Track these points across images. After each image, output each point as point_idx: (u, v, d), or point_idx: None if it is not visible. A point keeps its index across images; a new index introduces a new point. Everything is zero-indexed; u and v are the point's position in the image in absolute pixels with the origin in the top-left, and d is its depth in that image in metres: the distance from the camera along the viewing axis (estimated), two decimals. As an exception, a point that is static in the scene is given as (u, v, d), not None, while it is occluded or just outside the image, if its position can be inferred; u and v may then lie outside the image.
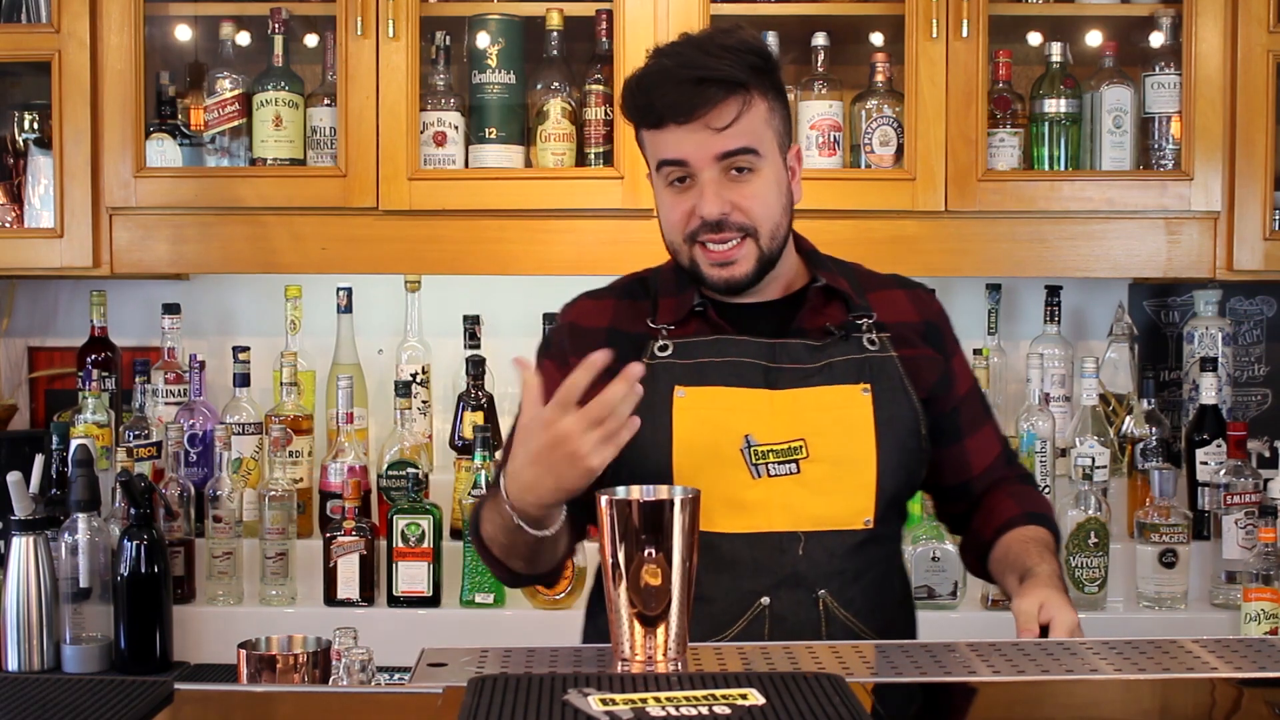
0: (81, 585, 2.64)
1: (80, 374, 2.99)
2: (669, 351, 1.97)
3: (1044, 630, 1.77)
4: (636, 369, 1.71)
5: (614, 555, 1.50)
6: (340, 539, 2.80)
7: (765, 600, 1.90)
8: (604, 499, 1.51)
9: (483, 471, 2.80)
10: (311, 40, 3.09)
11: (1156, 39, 2.93)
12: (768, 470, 1.91)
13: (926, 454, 2.00)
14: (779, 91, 1.96)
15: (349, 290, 3.10)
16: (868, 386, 1.95)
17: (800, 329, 1.98)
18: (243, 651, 1.63)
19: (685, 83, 1.87)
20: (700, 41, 1.94)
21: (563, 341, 2.02)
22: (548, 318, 3.02)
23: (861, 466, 1.93)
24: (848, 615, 1.91)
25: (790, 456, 1.91)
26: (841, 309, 2.00)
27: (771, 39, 2.91)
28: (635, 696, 1.28)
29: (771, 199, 1.93)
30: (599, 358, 1.71)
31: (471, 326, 3.05)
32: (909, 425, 1.97)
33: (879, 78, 2.92)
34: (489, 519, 1.91)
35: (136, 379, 2.97)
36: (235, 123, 2.96)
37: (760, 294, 2.00)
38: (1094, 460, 2.82)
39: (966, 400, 2.06)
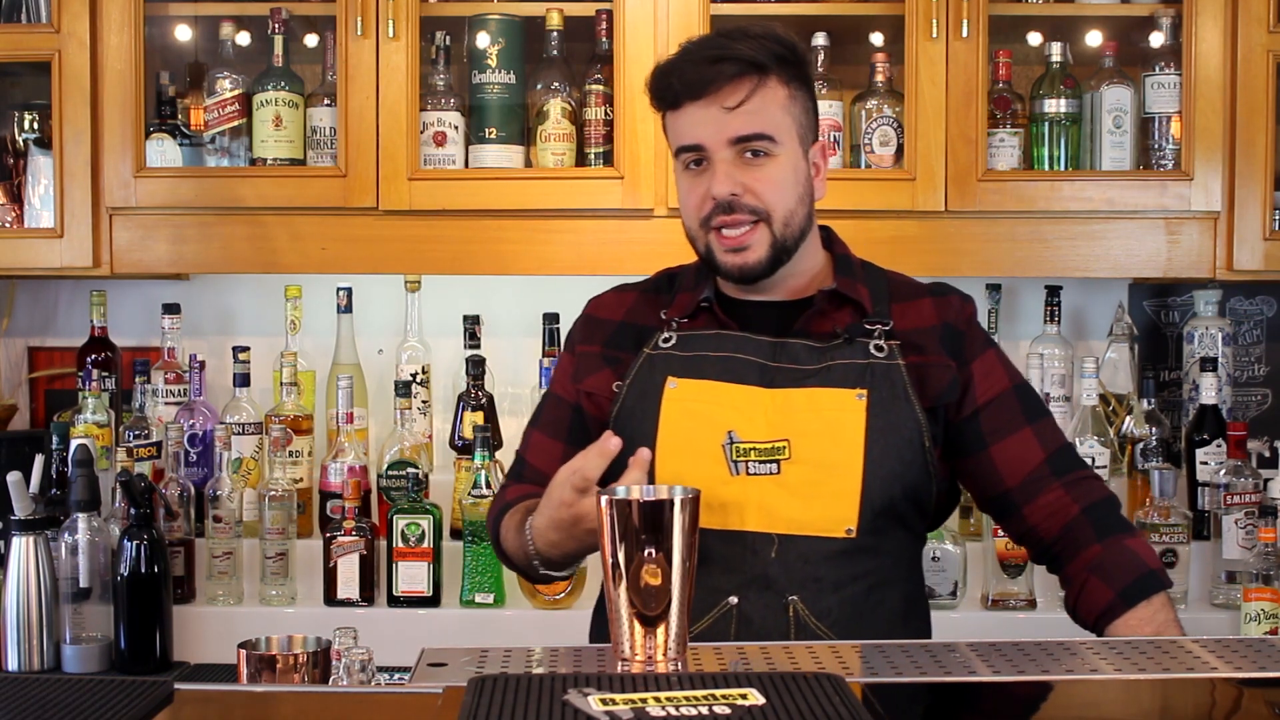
0: (81, 585, 2.64)
1: (80, 374, 2.99)
2: (671, 343, 1.98)
3: None
4: (615, 444, 1.79)
5: (614, 555, 1.50)
6: (340, 539, 2.80)
7: (733, 600, 1.88)
8: (604, 499, 1.51)
9: (483, 471, 2.80)
10: (311, 40, 3.09)
11: (1156, 39, 2.93)
12: (748, 468, 1.89)
13: (934, 467, 1.95)
14: (804, 83, 1.97)
15: (349, 290, 3.10)
16: (863, 392, 1.91)
17: (805, 331, 1.96)
18: (243, 651, 1.63)
19: (701, 62, 1.91)
20: (728, 30, 1.97)
21: (576, 332, 2.10)
22: (548, 318, 3.02)
23: (845, 473, 1.89)
24: (820, 626, 1.87)
25: (772, 456, 1.88)
26: (855, 314, 1.97)
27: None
28: (635, 696, 1.28)
29: (786, 185, 1.93)
30: (614, 444, 1.78)
31: (471, 326, 3.04)
32: (907, 435, 1.91)
33: (879, 78, 2.92)
34: (509, 537, 1.99)
35: (136, 379, 2.96)
36: (235, 123, 2.96)
37: (773, 293, 2.00)
38: (1094, 460, 2.82)
39: (993, 406, 1.98)
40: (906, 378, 1.93)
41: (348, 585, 2.80)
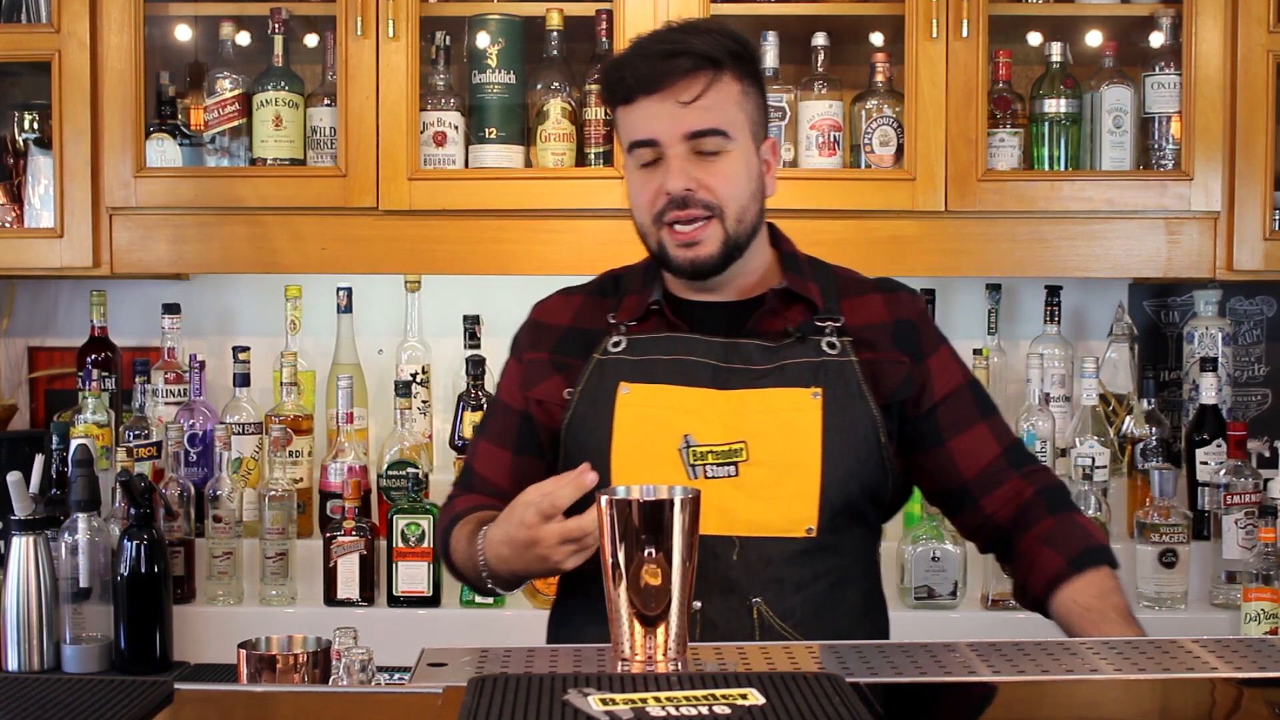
0: (81, 585, 2.64)
1: (80, 374, 2.99)
2: (621, 347, 1.97)
3: None
4: (591, 478, 1.74)
5: (614, 555, 1.50)
6: (340, 539, 2.80)
7: (697, 604, 1.85)
8: (604, 499, 1.51)
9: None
10: (311, 40, 3.09)
11: (1156, 39, 2.93)
12: (705, 471, 1.88)
13: (890, 463, 1.95)
14: (755, 79, 1.96)
15: (349, 290, 3.10)
16: (818, 391, 1.90)
17: (756, 330, 1.95)
18: (243, 651, 1.63)
19: (655, 56, 1.90)
20: (680, 25, 1.97)
21: (522, 338, 2.09)
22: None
23: (804, 473, 1.88)
24: (785, 626, 1.87)
25: (730, 459, 1.87)
26: (805, 312, 1.97)
27: (771, 39, 2.92)
28: (635, 696, 1.28)
29: (740, 181, 1.92)
30: (590, 479, 1.73)
31: (471, 326, 3.04)
32: (864, 432, 1.91)
33: (879, 78, 2.92)
34: (460, 547, 1.96)
35: (136, 379, 2.97)
36: (235, 123, 2.96)
37: (723, 292, 1.99)
38: (1094, 460, 2.82)
39: (950, 401, 1.98)
40: (860, 375, 1.93)
41: (348, 585, 2.81)
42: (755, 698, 1.27)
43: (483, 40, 2.90)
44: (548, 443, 2.00)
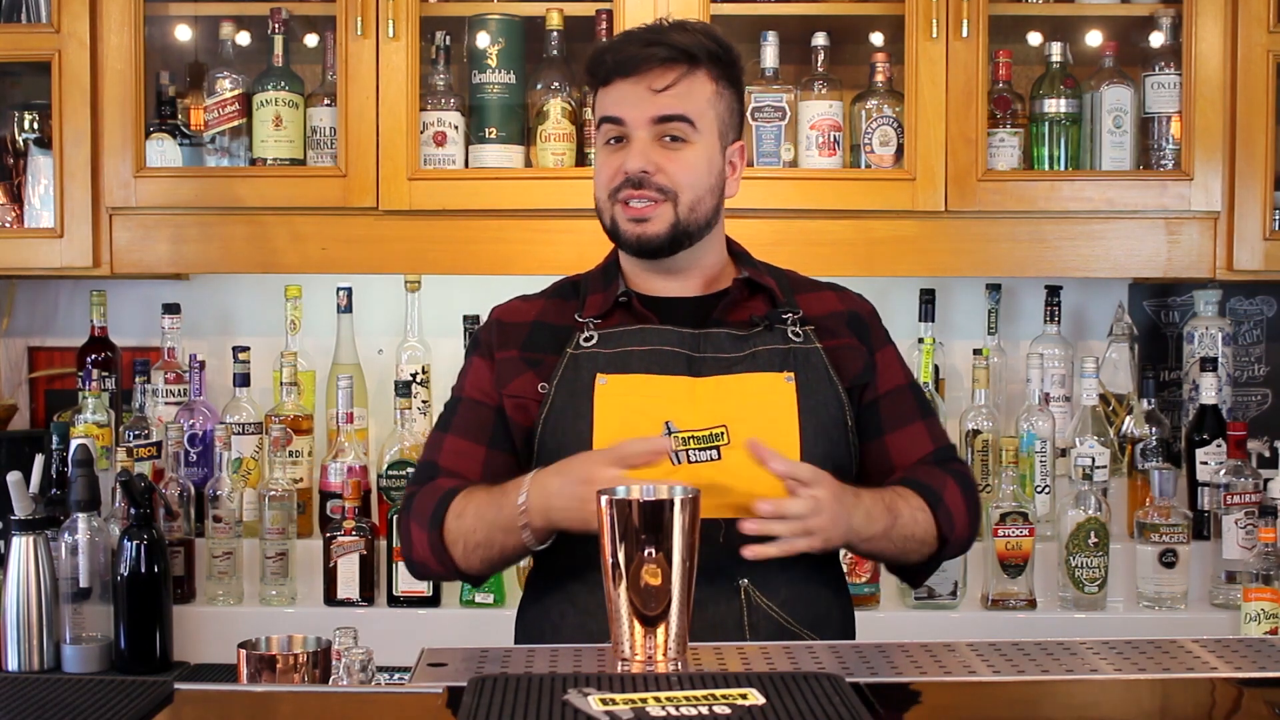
0: (81, 585, 2.64)
1: (80, 374, 2.99)
2: (593, 341, 2.01)
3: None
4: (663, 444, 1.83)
5: (614, 555, 1.50)
6: (340, 539, 2.80)
7: None
8: (604, 499, 1.51)
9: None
10: (311, 40, 3.09)
11: (1156, 39, 2.94)
12: (688, 456, 1.91)
13: (854, 445, 2.02)
14: (733, 83, 2.03)
15: (349, 290, 3.10)
16: (791, 375, 1.97)
17: (722, 320, 2.02)
18: (243, 651, 1.63)
19: (637, 43, 1.99)
20: (671, 23, 2.05)
21: (490, 337, 2.09)
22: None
23: (784, 454, 1.91)
24: (771, 606, 1.92)
25: (711, 443, 1.92)
26: (766, 304, 2.04)
27: (771, 39, 2.92)
28: (635, 696, 1.28)
29: (699, 172, 1.99)
30: (664, 444, 1.83)
31: (471, 326, 3.04)
32: (834, 414, 1.99)
33: (879, 78, 2.92)
34: (473, 512, 1.93)
35: (136, 379, 2.97)
36: (235, 123, 2.96)
37: (686, 285, 2.05)
38: (1094, 460, 2.82)
39: (891, 396, 2.06)
40: (826, 360, 2.01)
41: (348, 585, 2.81)
42: (755, 698, 1.28)
43: (483, 40, 2.90)
44: (520, 439, 2.02)
